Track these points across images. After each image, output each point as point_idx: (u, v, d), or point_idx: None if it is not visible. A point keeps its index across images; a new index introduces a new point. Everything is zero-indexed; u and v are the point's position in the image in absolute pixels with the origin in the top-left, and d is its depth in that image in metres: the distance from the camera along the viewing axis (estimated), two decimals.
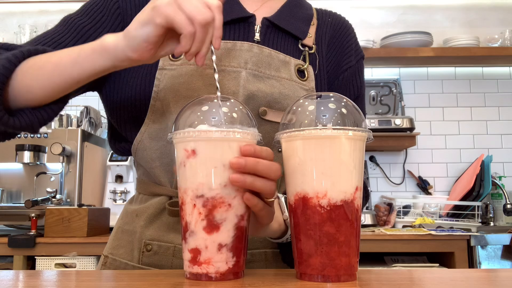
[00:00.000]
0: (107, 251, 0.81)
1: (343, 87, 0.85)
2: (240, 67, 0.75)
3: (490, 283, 0.59)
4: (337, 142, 0.54)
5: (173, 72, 0.74)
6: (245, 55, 0.75)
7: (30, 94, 0.68)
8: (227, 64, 0.74)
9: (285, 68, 0.78)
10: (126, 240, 0.79)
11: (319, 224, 0.54)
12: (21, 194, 2.23)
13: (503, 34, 2.61)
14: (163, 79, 0.74)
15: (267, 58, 0.77)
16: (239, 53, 0.75)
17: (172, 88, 0.73)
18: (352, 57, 0.86)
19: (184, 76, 0.74)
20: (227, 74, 0.74)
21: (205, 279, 0.55)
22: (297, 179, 0.56)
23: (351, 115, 0.56)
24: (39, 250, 1.85)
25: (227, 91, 0.73)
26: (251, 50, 0.76)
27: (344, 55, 0.85)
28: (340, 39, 0.86)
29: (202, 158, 0.54)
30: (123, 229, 0.81)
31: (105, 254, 0.81)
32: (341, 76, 0.85)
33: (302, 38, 0.82)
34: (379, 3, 2.75)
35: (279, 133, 0.57)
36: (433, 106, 2.72)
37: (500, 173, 2.57)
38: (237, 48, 0.75)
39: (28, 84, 0.68)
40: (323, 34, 0.85)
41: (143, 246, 0.75)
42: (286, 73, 0.78)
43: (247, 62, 0.75)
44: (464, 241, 1.94)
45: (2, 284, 0.54)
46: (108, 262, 0.79)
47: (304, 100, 0.59)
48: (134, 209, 0.80)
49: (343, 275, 0.54)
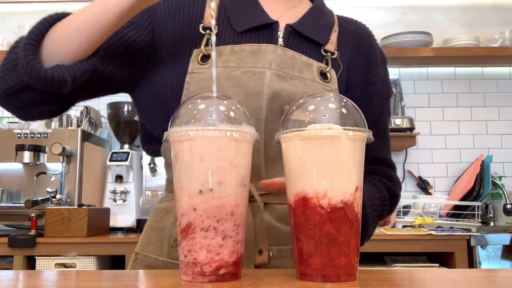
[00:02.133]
0: (138, 248, 0.85)
1: (375, 99, 0.89)
2: (265, 67, 0.78)
3: (490, 283, 0.59)
4: (337, 142, 0.54)
5: (201, 75, 0.78)
6: (270, 56, 0.78)
7: (63, 46, 0.71)
8: (252, 65, 0.78)
9: (308, 70, 0.81)
10: (156, 238, 0.82)
11: (319, 224, 0.54)
12: (21, 194, 2.23)
13: (503, 34, 2.61)
14: (192, 82, 0.78)
15: (290, 59, 0.80)
16: (264, 55, 0.78)
17: (201, 90, 0.76)
18: (379, 68, 0.89)
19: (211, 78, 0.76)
20: (252, 75, 0.77)
21: (203, 279, 0.55)
22: (297, 179, 0.56)
23: (351, 115, 0.56)
24: (39, 250, 1.85)
25: (252, 90, 0.76)
26: (275, 52, 0.79)
27: (371, 66, 0.88)
28: (365, 50, 0.89)
29: (198, 157, 0.54)
30: (152, 227, 0.84)
31: (136, 251, 0.84)
32: (371, 88, 0.88)
33: (323, 44, 0.84)
34: (379, 3, 2.74)
35: (279, 133, 0.57)
36: (433, 106, 2.72)
37: (500, 173, 2.57)
38: (262, 50, 0.79)
39: (61, 36, 0.71)
40: (345, 42, 0.88)
41: (172, 241, 0.79)
42: (309, 75, 0.80)
43: (271, 63, 0.78)
44: (464, 241, 1.94)
45: (2, 284, 0.54)
46: (138, 259, 0.83)
47: (304, 100, 0.59)
48: (164, 207, 0.84)
49: (343, 275, 0.54)
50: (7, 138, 2.20)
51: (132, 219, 2.20)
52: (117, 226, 2.18)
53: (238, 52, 0.79)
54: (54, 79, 0.69)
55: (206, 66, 0.78)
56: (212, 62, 0.65)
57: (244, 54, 0.78)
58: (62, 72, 0.70)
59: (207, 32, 0.81)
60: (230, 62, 0.78)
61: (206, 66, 0.78)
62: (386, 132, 0.93)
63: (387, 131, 0.93)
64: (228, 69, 0.77)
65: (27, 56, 0.68)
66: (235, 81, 0.77)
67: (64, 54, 0.71)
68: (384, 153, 0.91)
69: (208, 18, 0.82)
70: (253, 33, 0.82)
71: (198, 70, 0.78)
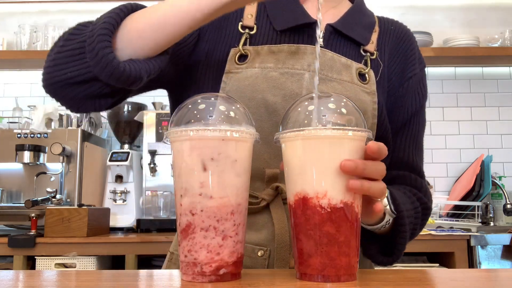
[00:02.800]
0: (173, 248, 0.84)
1: (408, 94, 0.86)
2: (303, 69, 0.76)
3: (490, 283, 0.59)
4: (336, 142, 0.54)
5: (239, 76, 0.76)
6: (308, 58, 0.77)
7: (141, 39, 0.66)
8: (290, 67, 0.76)
9: (347, 71, 0.79)
10: None
11: (319, 224, 0.54)
12: (21, 194, 2.23)
13: (503, 34, 2.61)
14: (229, 82, 0.77)
15: (329, 61, 0.78)
16: (302, 56, 0.77)
17: (238, 90, 0.75)
18: (416, 65, 0.88)
19: (249, 78, 0.76)
20: (290, 76, 0.76)
21: (203, 279, 0.55)
22: (297, 179, 0.56)
23: (351, 115, 0.56)
24: (39, 250, 1.85)
25: (290, 92, 0.75)
26: (314, 53, 0.77)
27: (408, 63, 0.87)
28: (404, 48, 0.88)
29: (198, 157, 0.54)
30: None
31: (171, 251, 0.84)
32: (405, 83, 0.86)
33: (364, 44, 0.83)
34: (379, 3, 2.74)
35: (279, 133, 0.57)
36: (433, 106, 2.72)
37: (500, 173, 2.57)
38: (301, 51, 0.77)
39: (140, 29, 0.66)
40: (386, 41, 0.87)
41: None
42: (347, 76, 0.79)
43: (310, 64, 0.77)
44: (464, 241, 1.94)
45: (2, 284, 0.54)
46: (173, 258, 0.82)
47: (304, 100, 0.59)
48: None
49: (343, 275, 0.54)
50: (7, 138, 2.20)
51: (132, 219, 2.20)
52: (117, 226, 2.18)
53: (276, 52, 0.77)
54: (131, 75, 0.65)
55: (244, 66, 0.77)
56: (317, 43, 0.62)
57: (282, 55, 0.77)
58: (139, 69, 0.66)
59: (246, 32, 0.79)
60: (267, 63, 0.76)
61: (243, 66, 0.77)
62: (420, 138, 0.89)
63: (420, 138, 0.89)
64: (265, 70, 0.76)
65: (104, 48, 0.63)
66: (273, 83, 0.75)
67: (139, 49, 0.67)
68: (417, 159, 0.87)
69: (247, 17, 0.80)
70: (293, 32, 0.80)
71: (235, 70, 0.77)
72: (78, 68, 0.66)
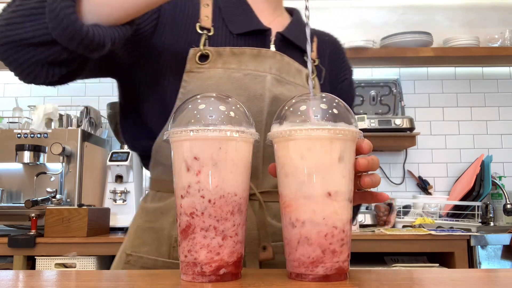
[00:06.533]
0: (129, 249, 0.82)
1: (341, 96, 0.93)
2: (266, 71, 0.80)
3: (490, 283, 0.59)
4: (327, 143, 0.54)
5: (201, 75, 0.78)
6: (270, 61, 0.81)
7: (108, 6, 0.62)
8: (253, 68, 0.80)
9: (299, 75, 0.86)
10: (151, 238, 0.80)
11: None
12: (21, 194, 2.23)
13: (503, 34, 2.61)
14: (191, 80, 0.78)
15: (287, 65, 0.84)
16: (264, 59, 0.81)
17: (201, 89, 0.76)
18: (347, 71, 0.99)
19: (212, 78, 0.78)
20: (253, 78, 0.79)
21: (203, 279, 0.55)
22: (289, 179, 0.56)
23: (342, 116, 0.56)
24: (39, 250, 1.85)
25: (254, 93, 0.78)
26: (274, 57, 0.82)
27: (341, 69, 0.98)
28: (338, 56, 0.98)
29: (199, 156, 0.54)
30: (144, 227, 0.82)
31: (127, 253, 0.82)
32: (339, 86, 0.96)
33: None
34: (379, 3, 2.74)
35: (271, 133, 0.57)
36: (433, 106, 2.72)
37: (500, 173, 2.57)
38: (262, 55, 0.81)
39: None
40: (324, 50, 0.95)
41: (173, 241, 0.78)
42: (300, 80, 0.85)
43: (271, 67, 0.81)
44: (464, 241, 1.94)
45: (2, 284, 0.54)
46: (132, 260, 0.80)
47: (296, 100, 0.59)
48: (157, 207, 0.82)
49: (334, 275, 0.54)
50: (7, 138, 2.20)
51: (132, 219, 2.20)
52: (117, 226, 2.18)
53: (238, 54, 0.80)
54: (95, 40, 0.61)
55: (206, 66, 0.79)
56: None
57: (244, 57, 0.80)
58: (103, 34, 0.61)
59: (204, 32, 0.81)
60: (230, 64, 0.79)
61: (206, 66, 0.79)
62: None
63: None
64: (229, 71, 0.78)
65: (67, 7, 0.58)
66: (237, 84, 0.78)
67: (105, 15, 0.62)
68: None
69: (204, 18, 0.82)
70: (248, 37, 0.84)
71: (197, 69, 0.78)
72: (35, 29, 0.61)
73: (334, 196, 0.54)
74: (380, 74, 2.77)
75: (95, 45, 0.61)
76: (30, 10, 0.61)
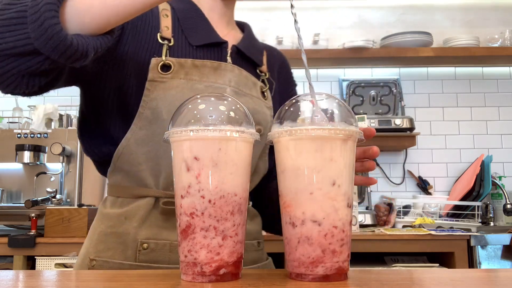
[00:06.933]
0: (93, 254, 0.81)
1: None
2: (225, 84, 0.84)
3: (490, 283, 0.59)
4: (328, 142, 0.54)
5: (164, 85, 0.79)
6: (229, 74, 0.85)
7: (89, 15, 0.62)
8: (214, 81, 0.83)
9: (254, 88, 0.90)
10: (115, 243, 0.80)
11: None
12: (21, 194, 2.23)
13: (503, 34, 2.61)
14: (154, 89, 0.79)
15: (244, 78, 0.87)
16: (224, 72, 0.84)
17: (165, 98, 0.78)
18: (293, 84, 1.06)
19: (175, 88, 0.80)
20: (214, 89, 0.82)
21: (203, 279, 0.55)
22: (290, 178, 0.56)
23: (343, 116, 0.56)
24: (39, 250, 1.85)
25: None
26: (233, 70, 0.86)
27: (289, 83, 1.05)
28: (286, 70, 1.05)
29: (199, 157, 0.54)
30: (107, 232, 0.82)
31: (91, 258, 0.81)
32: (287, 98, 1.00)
33: (259, 65, 0.95)
34: (379, 3, 2.75)
35: (272, 132, 0.57)
36: (433, 106, 2.72)
37: (500, 173, 2.57)
38: (222, 68, 0.85)
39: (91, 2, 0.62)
40: (274, 64, 1.01)
41: (139, 245, 0.78)
42: (255, 93, 0.89)
43: (230, 80, 0.85)
44: (464, 241, 1.94)
45: (2, 284, 0.54)
46: (97, 265, 0.80)
47: (297, 100, 0.59)
48: (120, 212, 0.82)
49: (334, 275, 0.54)
50: (7, 138, 2.20)
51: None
52: None
53: (199, 66, 0.82)
54: (79, 50, 0.61)
55: (169, 76, 0.80)
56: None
57: (205, 70, 0.83)
58: (87, 44, 0.62)
59: (165, 43, 0.82)
60: (192, 76, 0.81)
61: (168, 76, 0.80)
62: None
63: None
64: (191, 82, 0.80)
65: (51, 18, 0.58)
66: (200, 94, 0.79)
67: (87, 24, 0.62)
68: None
69: (164, 28, 0.84)
70: (206, 49, 0.86)
71: (159, 79, 0.79)
72: (17, 39, 0.59)
73: (334, 196, 0.54)
74: (380, 74, 2.77)
75: (78, 55, 0.61)
76: (9, 20, 0.60)
